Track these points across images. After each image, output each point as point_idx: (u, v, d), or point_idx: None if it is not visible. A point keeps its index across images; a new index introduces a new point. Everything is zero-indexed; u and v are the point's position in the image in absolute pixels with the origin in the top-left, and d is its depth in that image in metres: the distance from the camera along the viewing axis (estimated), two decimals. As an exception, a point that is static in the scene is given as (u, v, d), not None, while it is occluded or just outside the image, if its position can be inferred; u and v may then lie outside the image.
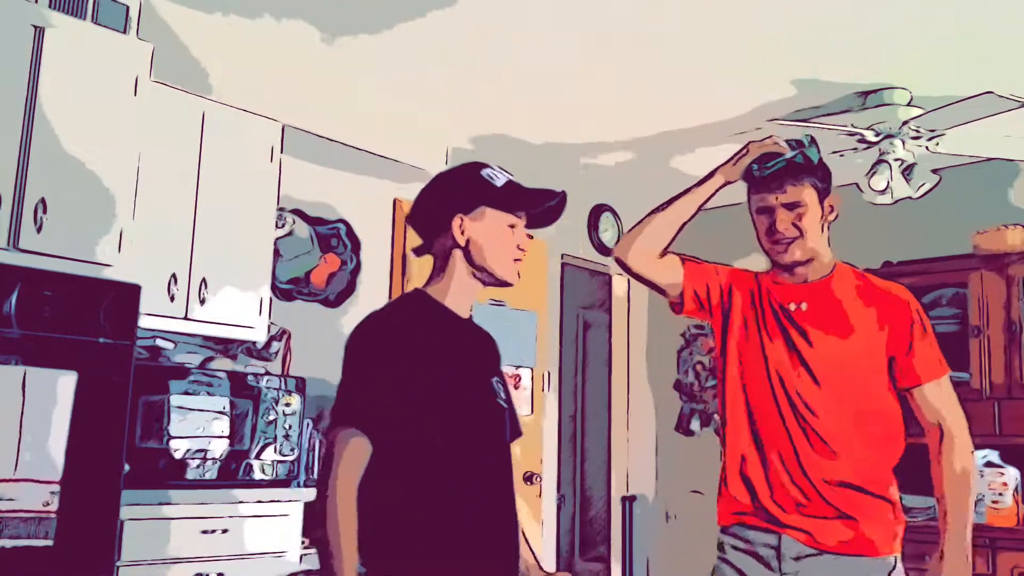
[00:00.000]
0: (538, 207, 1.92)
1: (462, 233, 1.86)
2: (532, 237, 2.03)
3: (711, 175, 2.26)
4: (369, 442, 1.68)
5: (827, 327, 2.14)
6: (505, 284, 1.91)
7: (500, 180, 1.90)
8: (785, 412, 2.11)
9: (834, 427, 2.09)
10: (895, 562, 2.12)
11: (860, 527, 2.08)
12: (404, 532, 1.73)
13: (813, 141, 2.19)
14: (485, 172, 1.91)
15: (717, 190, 2.27)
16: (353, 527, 1.64)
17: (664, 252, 2.27)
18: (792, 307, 2.18)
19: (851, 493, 2.09)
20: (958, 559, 2.06)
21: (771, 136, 2.23)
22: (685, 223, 2.28)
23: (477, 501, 1.80)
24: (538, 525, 4.93)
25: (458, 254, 1.87)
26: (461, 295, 1.89)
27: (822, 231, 2.20)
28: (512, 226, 1.89)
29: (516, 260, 1.91)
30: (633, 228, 2.30)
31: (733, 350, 2.23)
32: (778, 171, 2.16)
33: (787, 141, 2.20)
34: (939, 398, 2.19)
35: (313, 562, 3.55)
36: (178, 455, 3.28)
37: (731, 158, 2.25)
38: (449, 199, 1.89)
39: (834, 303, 2.17)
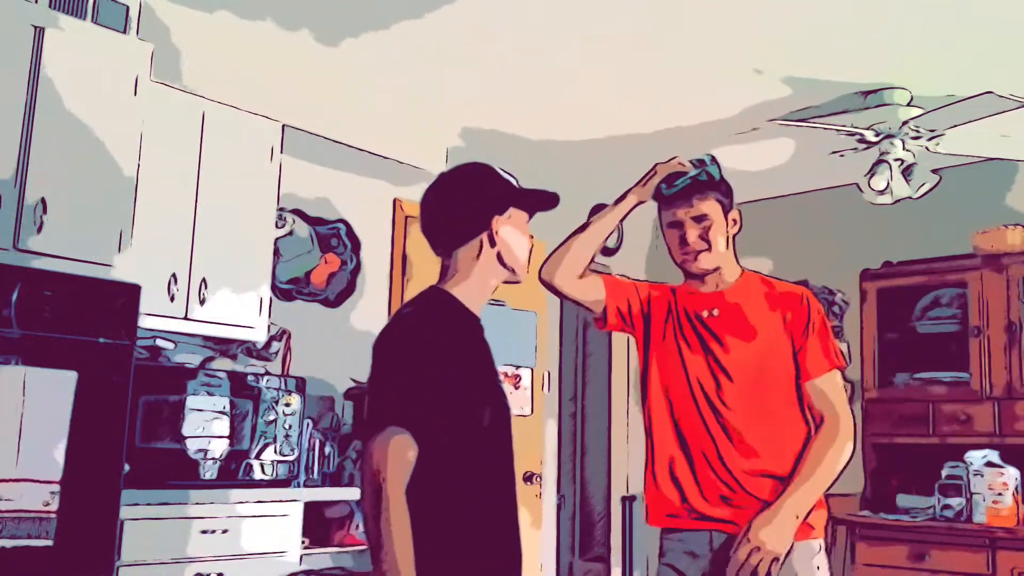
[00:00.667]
0: (547, 207, 2.00)
1: (497, 233, 1.92)
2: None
3: (623, 196, 2.44)
4: (415, 443, 1.70)
5: (737, 331, 2.31)
6: (517, 281, 2.00)
7: (514, 180, 1.98)
8: (705, 413, 2.27)
9: (750, 423, 2.24)
10: (819, 547, 2.25)
11: None
12: (435, 531, 1.73)
13: (714, 160, 2.36)
14: (503, 174, 1.98)
15: (630, 210, 2.44)
16: (408, 532, 1.66)
17: (584, 272, 2.42)
18: (705, 314, 2.34)
19: (771, 482, 2.21)
20: (783, 514, 2.15)
21: (675, 157, 2.39)
22: (602, 244, 2.46)
23: (501, 499, 1.87)
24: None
25: (489, 254, 1.92)
26: (480, 294, 1.94)
27: (727, 243, 2.37)
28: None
29: (527, 258, 2.00)
30: (555, 251, 2.45)
31: (654, 359, 2.39)
32: (685, 188, 2.34)
33: (691, 160, 2.36)
34: (824, 393, 2.30)
35: (313, 562, 3.56)
36: (179, 455, 3.28)
37: (640, 179, 2.42)
38: (485, 200, 1.93)
39: (744, 308, 2.33)
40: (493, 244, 1.92)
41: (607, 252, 5.62)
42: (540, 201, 2.00)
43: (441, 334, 1.82)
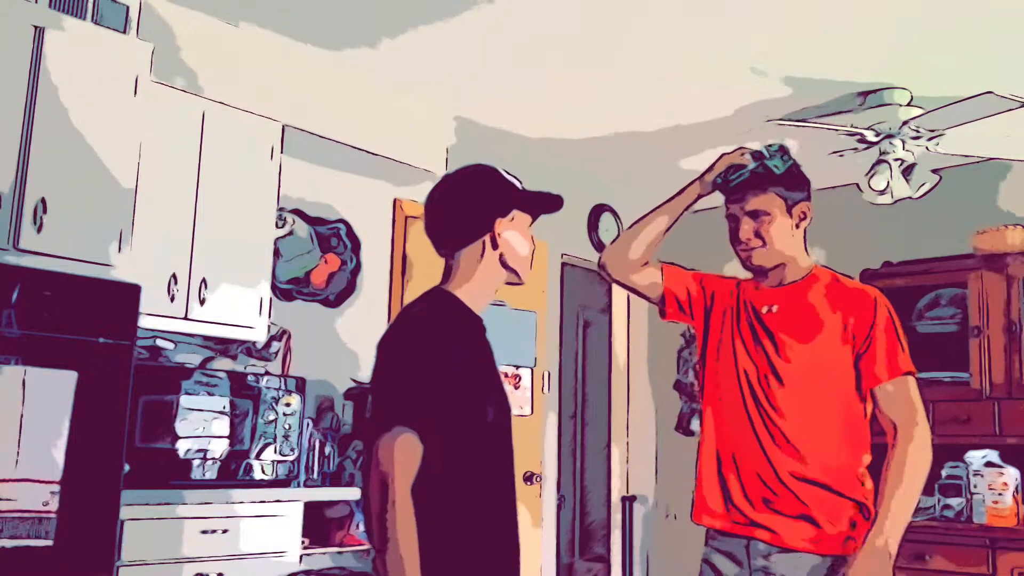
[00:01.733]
0: (550, 210, 2.02)
1: (500, 236, 1.93)
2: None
3: (686, 188, 2.38)
4: (421, 443, 1.71)
5: (795, 329, 2.21)
6: (520, 283, 2.01)
7: (517, 182, 2.00)
8: (752, 412, 2.19)
9: (799, 428, 2.15)
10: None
11: (824, 526, 2.12)
12: (437, 530, 1.73)
13: (781, 150, 2.26)
14: (507, 177, 1.99)
15: (693, 201, 2.38)
16: (415, 531, 1.66)
17: (642, 261, 2.38)
18: (764, 310, 2.26)
19: (818, 491, 2.13)
20: (877, 557, 2.07)
21: (739, 148, 2.31)
22: (664, 233, 2.39)
23: (502, 498, 1.89)
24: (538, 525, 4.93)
25: (492, 256, 1.93)
26: (483, 296, 1.95)
27: (794, 238, 2.26)
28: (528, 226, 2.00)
29: (529, 259, 2.02)
30: (617, 240, 2.44)
31: (710, 353, 2.32)
32: (742, 182, 2.25)
33: (752, 152, 2.27)
34: (895, 399, 2.17)
35: (313, 562, 3.56)
36: (178, 455, 3.28)
37: (705, 171, 2.35)
38: (487, 202, 1.95)
39: (805, 306, 2.23)
40: (495, 246, 1.93)
41: (607, 252, 5.62)
42: (543, 203, 2.01)
43: (446, 334, 1.83)
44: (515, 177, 2.02)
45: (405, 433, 1.69)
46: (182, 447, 3.29)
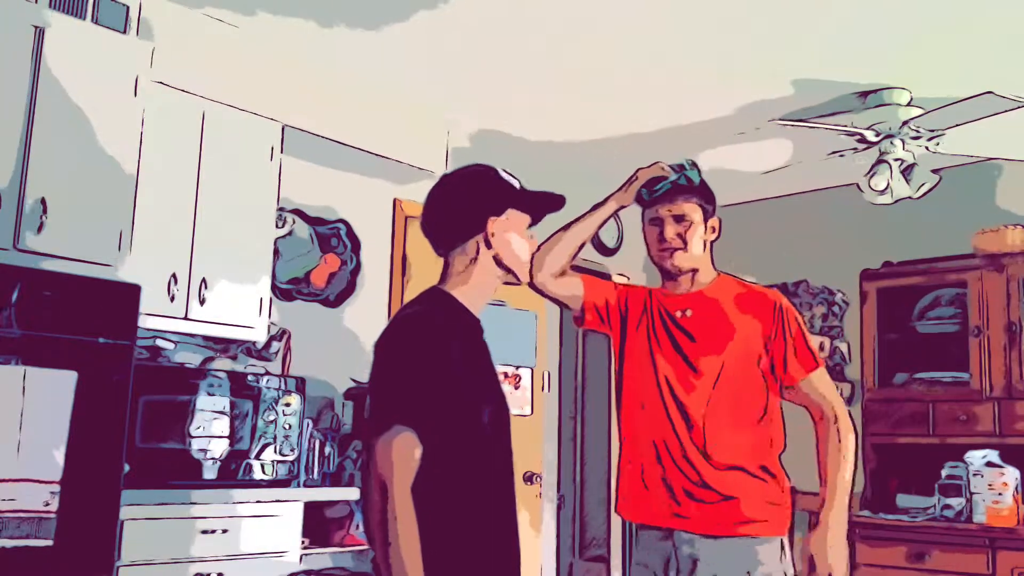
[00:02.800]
0: (551, 210, 2.01)
1: (493, 235, 1.92)
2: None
3: (605, 201, 2.51)
4: (419, 442, 1.71)
5: (709, 330, 2.36)
6: (518, 283, 2.02)
7: (516, 182, 1.99)
8: (671, 410, 2.33)
9: (717, 421, 2.30)
10: (782, 544, 2.32)
11: (743, 508, 2.26)
12: (436, 530, 1.73)
13: (694, 164, 2.43)
14: (504, 176, 1.98)
15: (612, 214, 2.52)
16: (416, 531, 1.67)
17: (563, 271, 2.49)
18: (678, 314, 2.40)
19: (734, 475, 2.28)
20: (834, 531, 2.28)
21: (657, 162, 2.46)
22: (583, 244, 2.52)
23: (501, 499, 1.88)
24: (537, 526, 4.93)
25: (486, 256, 1.93)
26: (480, 296, 1.95)
27: (705, 247, 2.44)
28: (528, 226, 1.99)
29: (528, 260, 2.02)
30: (537, 249, 2.48)
31: (627, 358, 2.46)
32: (667, 192, 2.41)
33: (670, 165, 2.44)
34: (814, 389, 2.40)
35: (313, 562, 3.56)
36: (178, 455, 3.28)
37: (622, 185, 2.49)
38: (480, 202, 1.94)
39: (716, 309, 2.39)
40: (489, 246, 1.92)
41: (606, 252, 5.62)
42: (542, 203, 2.00)
43: (444, 335, 1.83)
44: (514, 176, 2.01)
45: (403, 432, 1.70)
46: (188, 447, 3.28)
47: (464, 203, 1.95)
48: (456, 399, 1.78)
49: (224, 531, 3.18)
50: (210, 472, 3.34)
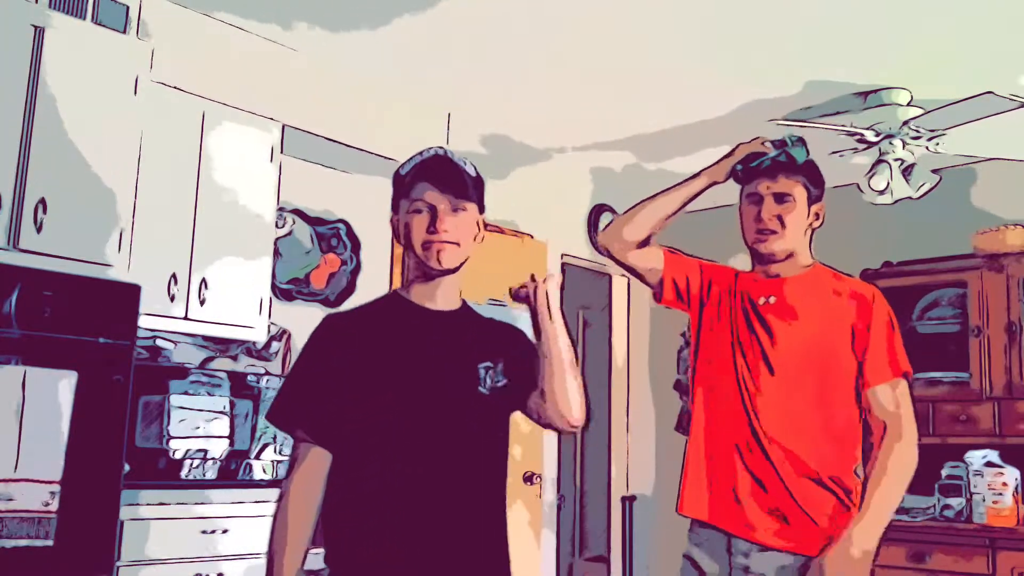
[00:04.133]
0: (426, 180, 1.78)
1: (396, 234, 1.84)
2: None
3: (697, 175, 2.32)
4: (325, 451, 1.71)
5: (791, 321, 2.16)
6: (442, 272, 1.79)
7: (407, 167, 1.82)
8: (746, 404, 2.14)
9: (790, 421, 2.11)
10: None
11: (810, 523, 2.08)
12: (357, 536, 1.73)
13: (800, 141, 2.22)
14: (404, 165, 1.84)
15: (703, 189, 2.32)
16: (296, 539, 1.73)
17: (645, 242, 2.33)
18: (761, 301, 2.21)
19: (806, 488, 2.09)
20: (857, 547, 2.01)
21: (758, 137, 2.27)
22: (669, 217, 2.33)
23: (436, 501, 1.70)
24: (537, 527, 4.93)
25: (403, 250, 1.85)
26: (424, 288, 1.81)
27: (805, 234, 2.23)
28: (418, 211, 1.77)
29: (427, 244, 1.76)
30: (619, 217, 2.39)
31: (704, 343, 2.28)
32: (768, 167, 2.20)
33: (772, 142, 2.24)
34: (887, 401, 2.13)
35: (314, 563, 3.55)
36: (178, 455, 3.28)
37: (721, 158, 2.30)
38: (391, 203, 1.87)
39: (803, 299, 2.19)
40: (397, 235, 1.83)
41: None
42: (410, 182, 1.80)
43: (334, 335, 1.77)
44: (437, 152, 1.84)
45: (304, 441, 1.73)
46: (178, 447, 3.29)
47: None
48: (351, 401, 1.70)
49: (224, 531, 3.18)
50: (210, 472, 3.34)
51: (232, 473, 3.40)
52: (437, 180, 1.78)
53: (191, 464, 3.32)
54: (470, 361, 1.79)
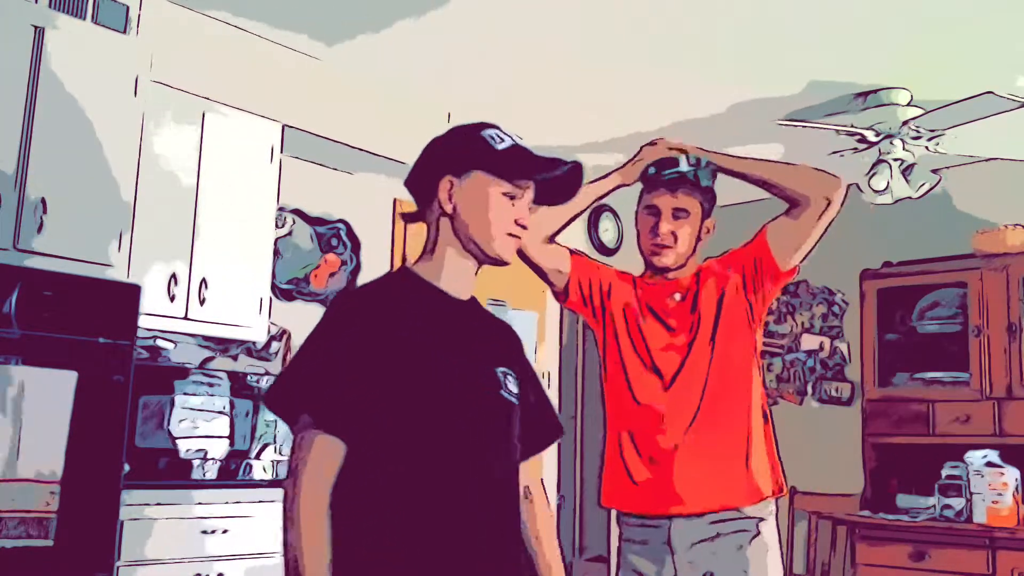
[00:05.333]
0: (541, 174, 1.64)
1: (450, 199, 1.60)
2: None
3: (608, 175, 2.40)
4: (338, 440, 1.46)
5: (699, 314, 2.26)
6: (499, 263, 1.66)
7: (503, 143, 1.64)
8: (649, 394, 2.24)
9: (710, 407, 2.20)
10: (763, 517, 2.21)
11: (723, 487, 2.18)
12: (375, 540, 1.49)
13: (709, 165, 2.31)
14: (487, 132, 1.66)
15: (612, 190, 2.41)
16: (323, 538, 1.45)
17: (551, 239, 2.37)
18: (669, 302, 2.30)
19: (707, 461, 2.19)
20: None
21: (661, 139, 2.36)
22: (575, 217, 2.40)
23: (458, 505, 1.54)
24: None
25: (446, 225, 1.62)
26: (455, 274, 1.63)
27: (695, 249, 2.32)
28: (512, 197, 1.62)
29: (512, 236, 1.63)
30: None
31: (613, 345, 2.33)
32: (673, 179, 2.29)
33: (687, 155, 2.31)
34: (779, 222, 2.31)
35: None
36: (178, 455, 3.28)
37: (627, 161, 2.38)
38: (440, 159, 1.65)
39: (706, 290, 2.30)
40: (446, 212, 1.60)
41: (606, 252, 5.62)
42: (528, 169, 1.62)
43: (363, 313, 1.54)
44: (518, 139, 1.68)
45: (318, 435, 1.47)
46: (178, 447, 3.29)
47: (427, 159, 1.68)
48: (371, 388, 1.49)
49: (224, 531, 3.18)
50: (210, 472, 3.34)
51: (232, 473, 3.40)
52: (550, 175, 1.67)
53: (191, 464, 3.32)
54: (490, 360, 1.66)
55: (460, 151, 1.65)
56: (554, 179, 1.66)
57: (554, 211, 2.17)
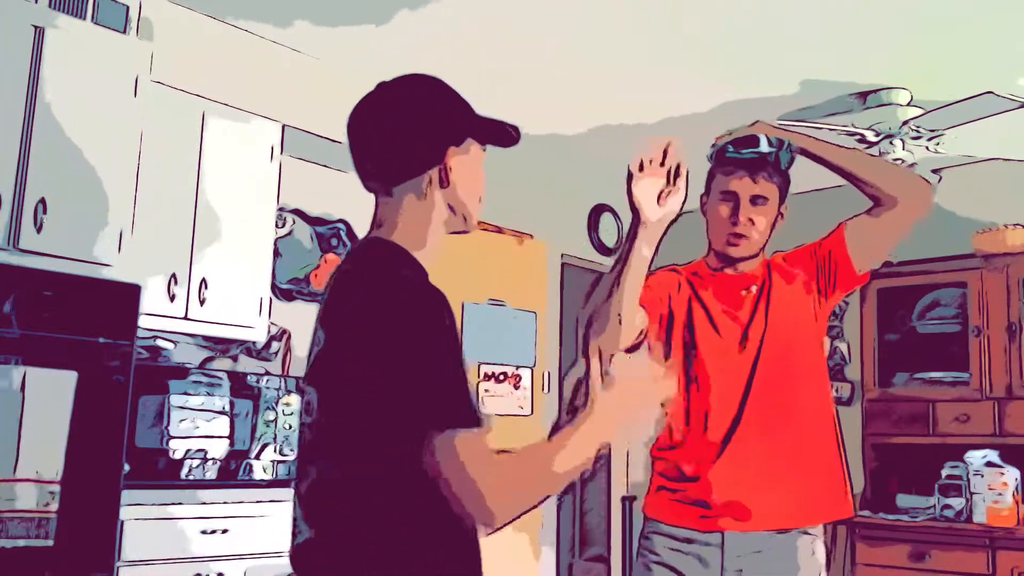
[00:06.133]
0: (509, 144, 1.61)
1: (451, 170, 1.52)
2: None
3: (636, 246, 1.90)
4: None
5: (777, 306, 2.10)
6: (465, 231, 1.59)
7: (478, 112, 1.58)
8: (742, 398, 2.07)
9: (772, 414, 2.06)
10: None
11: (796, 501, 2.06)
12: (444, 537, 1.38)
13: (790, 147, 2.13)
14: (458, 93, 1.58)
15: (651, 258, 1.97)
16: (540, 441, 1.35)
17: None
18: (744, 294, 2.12)
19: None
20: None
21: (757, 122, 2.18)
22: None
23: None
24: (538, 521, 4.93)
25: (439, 196, 1.52)
26: (433, 251, 1.55)
27: (769, 236, 2.15)
28: None
29: (481, 201, 1.59)
30: (601, 318, 2.01)
31: (679, 346, 2.15)
32: (753, 161, 2.09)
33: (768, 137, 2.13)
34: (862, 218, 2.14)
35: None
36: (178, 455, 3.28)
37: (638, 219, 1.90)
38: (442, 128, 1.54)
39: (775, 286, 2.14)
40: (444, 183, 1.51)
41: (606, 252, 5.62)
42: (500, 135, 1.58)
43: (449, 310, 1.40)
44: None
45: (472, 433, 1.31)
46: (178, 447, 3.29)
47: (422, 126, 1.53)
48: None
49: (224, 531, 3.18)
50: (210, 472, 3.34)
51: (232, 473, 3.40)
52: None
53: (191, 464, 3.32)
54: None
55: (459, 120, 1.56)
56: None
57: (621, 318, 1.94)
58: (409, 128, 1.53)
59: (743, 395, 2.05)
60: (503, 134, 1.58)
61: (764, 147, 2.10)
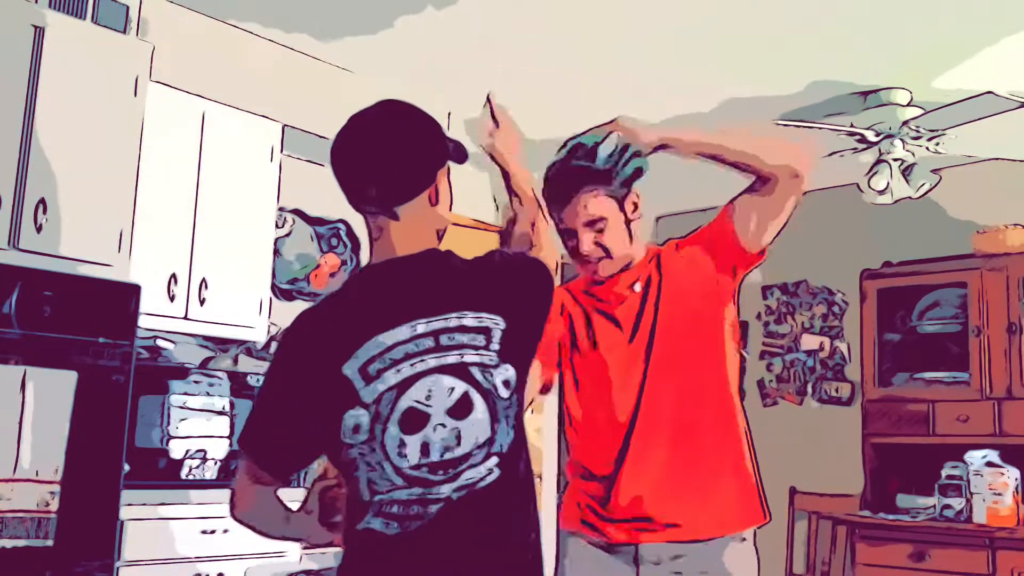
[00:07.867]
0: (464, 160, 1.72)
1: (439, 189, 1.65)
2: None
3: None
4: None
5: (668, 297, 2.03)
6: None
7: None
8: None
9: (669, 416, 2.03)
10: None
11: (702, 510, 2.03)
12: None
13: (636, 163, 2.05)
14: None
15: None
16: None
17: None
18: (628, 292, 2.06)
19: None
20: None
21: (616, 119, 2.18)
22: None
23: None
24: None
25: (430, 216, 1.65)
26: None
27: (630, 236, 2.05)
28: None
29: None
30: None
31: (570, 367, 2.18)
32: (566, 185, 2.01)
33: (574, 141, 2.11)
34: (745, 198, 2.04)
35: (313, 562, 3.55)
36: (178, 455, 3.28)
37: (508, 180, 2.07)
38: (437, 151, 1.64)
39: (668, 273, 2.07)
40: (434, 201, 1.63)
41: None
42: (457, 153, 1.69)
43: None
44: None
45: None
46: (178, 447, 3.29)
47: (422, 147, 1.62)
48: None
49: (224, 531, 3.18)
50: (210, 472, 3.34)
51: (232, 473, 3.38)
52: None
53: (191, 464, 3.32)
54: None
55: (443, 143, 1.66)
56: None
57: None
58: (413, 151, 1.62)
59: (639, 387, 2.02)
60: (459, 152, 1.69)
61: (601, 161, 2.01)
